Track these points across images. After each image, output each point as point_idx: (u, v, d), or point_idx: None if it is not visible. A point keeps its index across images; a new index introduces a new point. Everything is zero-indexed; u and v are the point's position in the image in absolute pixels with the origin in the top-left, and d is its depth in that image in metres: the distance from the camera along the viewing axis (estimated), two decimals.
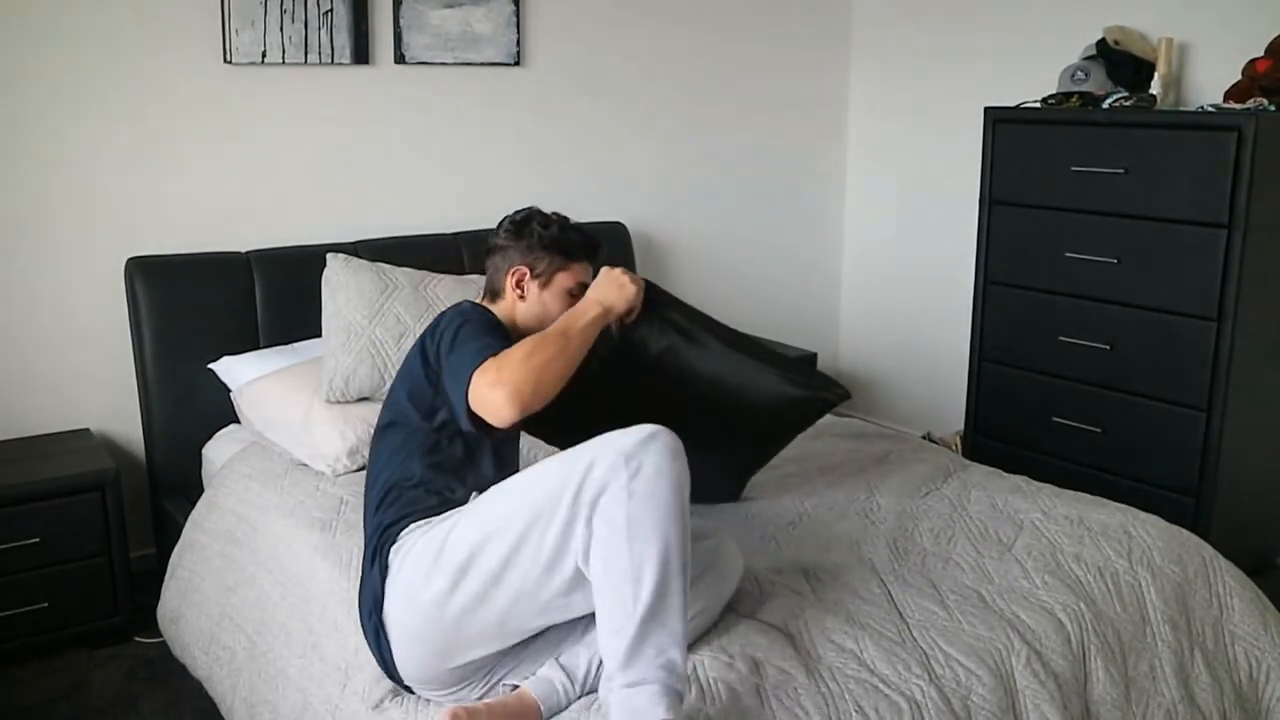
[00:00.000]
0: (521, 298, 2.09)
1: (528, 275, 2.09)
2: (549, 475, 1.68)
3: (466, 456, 1.93)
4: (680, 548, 1.61)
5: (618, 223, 3.67)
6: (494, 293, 2.13)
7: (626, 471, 1.60)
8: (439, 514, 1.82)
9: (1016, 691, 1.83)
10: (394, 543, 1.81)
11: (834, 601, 1.96)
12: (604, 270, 2.09)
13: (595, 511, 1.60)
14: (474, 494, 1.84)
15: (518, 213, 2.17)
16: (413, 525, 1.81)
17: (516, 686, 1.76)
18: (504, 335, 1.94)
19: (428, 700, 1.80)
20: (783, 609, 1.93)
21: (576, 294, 2.08)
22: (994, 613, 1.96)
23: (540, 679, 1.74)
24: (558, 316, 2.01)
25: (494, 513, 1.71)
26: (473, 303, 2.07)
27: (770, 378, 2.18)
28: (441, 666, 1.76)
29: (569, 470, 1.64)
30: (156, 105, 3.01)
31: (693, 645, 1.80)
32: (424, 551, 1.74)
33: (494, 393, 1.75)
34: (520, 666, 1.80)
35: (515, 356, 1.79)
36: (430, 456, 1.91)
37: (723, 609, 1.92)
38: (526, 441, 2.28)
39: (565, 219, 2.15)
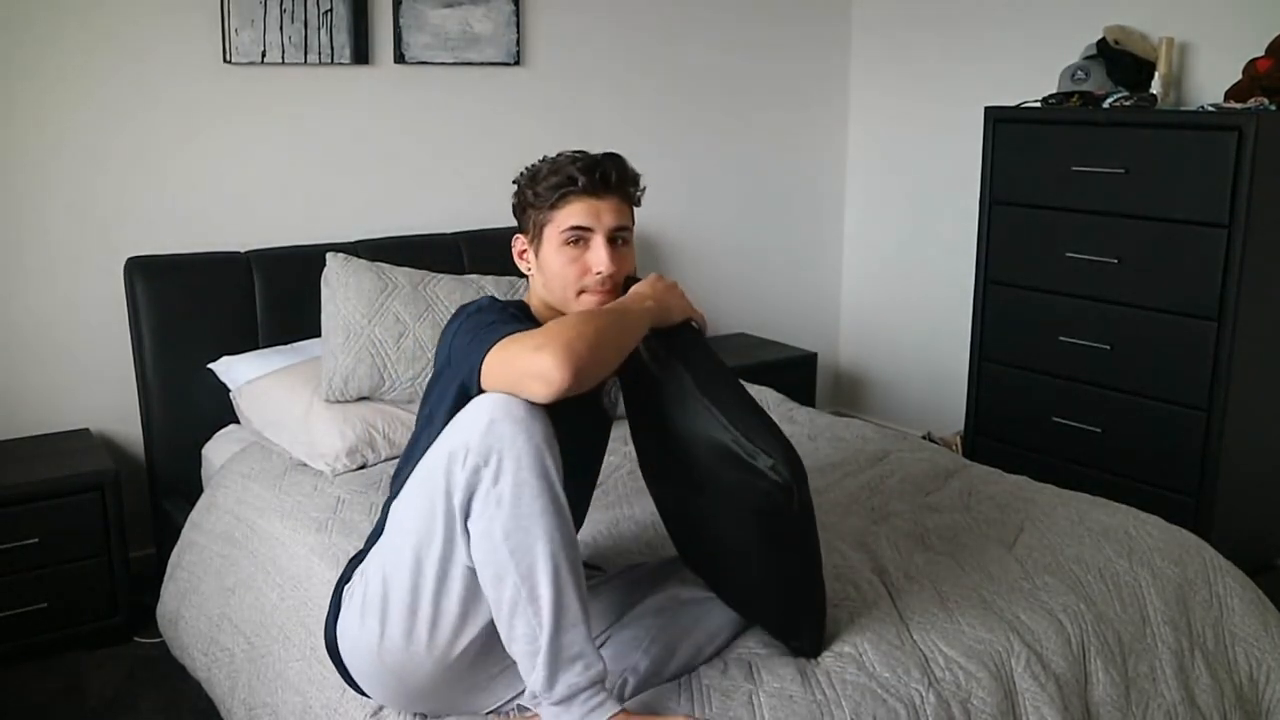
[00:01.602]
0: (530, 270, 1.85)
1: (524, 242, 1.84)
2: (418, 487, 1.59)
3: None
4: (564, 538, 1.53)
5: None
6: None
7: (488, 472, 1.50)
8: None
9: (1016, 694, 1.83)
10: (347, 580, 1.78)
11: (833, 603, 1.96)
12: (657, 276, 1.83)
13: (469, 519, 1.53)
14: None
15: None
16: (364, 561, 1.76)
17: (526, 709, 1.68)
18: (527, 320, 1.74)
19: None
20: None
21: (574, 241, 1.76)
22: (994, 614, 1.96)
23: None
24: (565, 273, 1.76)
25: (389, 543, 1.65)
26: (494, 298, 1.85)
27: (713, 423, 1.67)
28: (406, 702, 1.74)
29: (433, 482, 1.55)
30: (156, 105, 3.00)
31: None
32: (356, 596, 1.70)
33: (543, 356, 1.51)
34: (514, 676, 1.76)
35: (569, 320, 1.59)
36: None
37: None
38: None
39: (562, 155, 1.80)
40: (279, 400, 2.77)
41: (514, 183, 1.85)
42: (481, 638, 1.63)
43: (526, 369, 1.52)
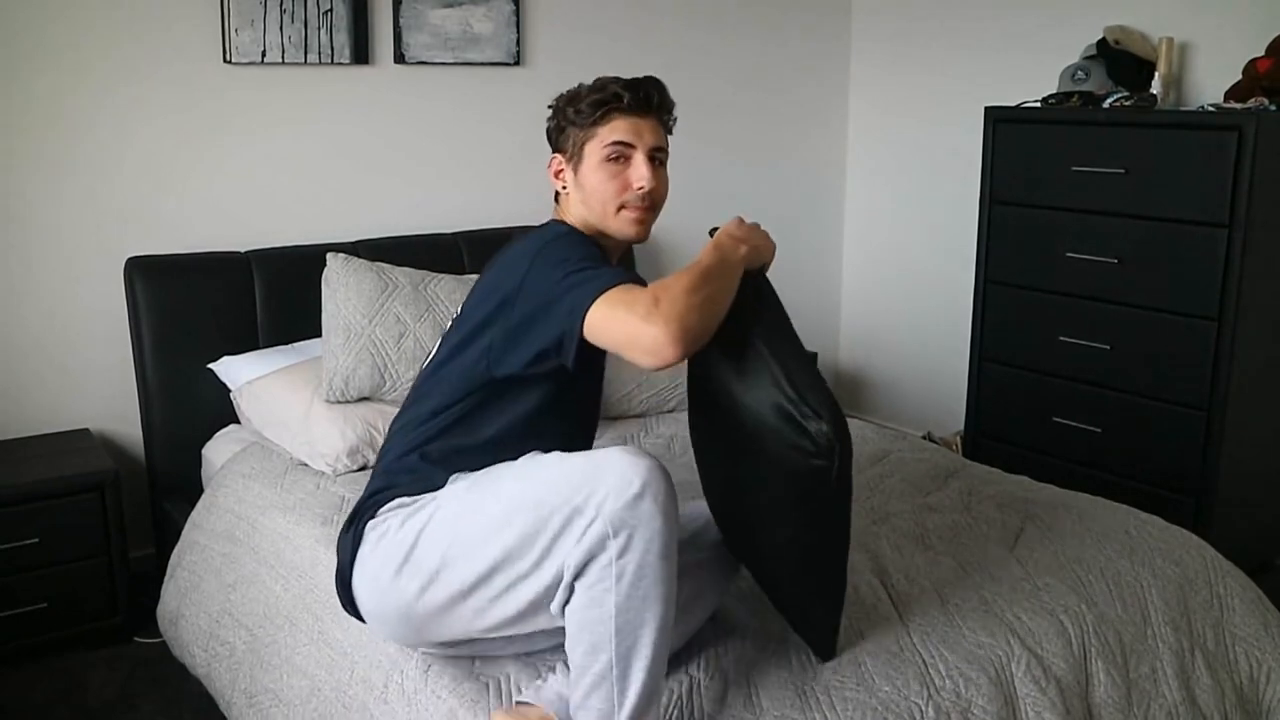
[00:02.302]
0: (565, 189, 1.85)
1: (561, 161, 1.84)
2: (527, 507, 1.55)
3: (508, 396, 1.75)
4: (669, 623, 1.52)
5: None
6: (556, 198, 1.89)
7: (615, 545, 1.47)
8: (434, 489, 1.72)
9: (1017, 699, 1.82)
10: (373, 516, 1.75)
11: None
12: (742, 218, 1.80)
13: (581, 576, 1.51)
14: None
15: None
16: (397, 501, 1.73)
17: (526, 702, 1.69)
18: (597, 254, 1.71)
19: (434, 693, 1.78)
20: (779, 618, 1.90)
21: (615, 158, 1.78)
22: (994, 616, 1.96)
23: (552, 697, 1.67)
24: (605, 189, 1.77)
25: (468, 526, 1.61)
26: (557, 225, 1.81)
27: (769, 376, 1.64)
28: (416, 641, 1.76)
29: (548, 514, 1.52)
30: (156, 105, 3.00)
31: (688, 666, 1.78)
32: (396, 546, 1.68)
33: (655, 328, 1.49)
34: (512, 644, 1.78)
35: (679, 286, 1.54)
36: (449, 412, 1.77)
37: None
38: None
39: (603, 78, 1.83)
40: (279, 400, 2.77)
41: (550, 106, 1.87)
42: (517, 634, 1.67)
43: (636, 339, 1.51)
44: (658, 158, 1.82)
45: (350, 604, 1.81)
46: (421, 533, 1.67)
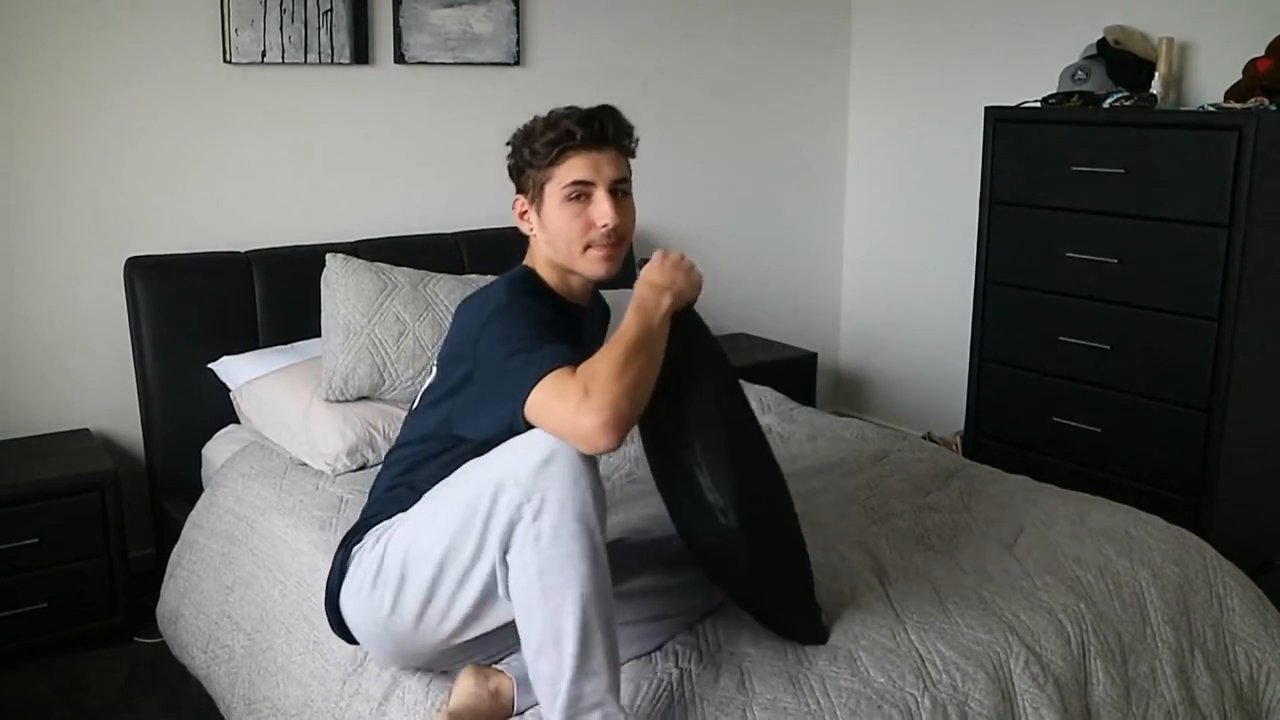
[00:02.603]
0: (531, 230, 1.83)
1: (524, 203, 1.82)
2: (460, 498, 1.60)
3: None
4: (596, 588, 1.53)
5: None
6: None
7: (530, 509, 1.51)
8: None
9: (1015, 695, 1.83)
10: (358, 542, 1.79)
11: (831, 605, 1.95)
12: (662, 253, 1.80)
13: (508, 549, 1.55)
14: None
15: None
16: (379, 525, 1.78)
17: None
18: (546, 324, 1.70)
19: (434, 706, 1.78)
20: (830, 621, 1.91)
21: (576, 196, 1.76)
22: (993, 614, 1.96)
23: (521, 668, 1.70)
24: (569, 229, 1.75)
25: (419, 531, 1.66)
26: (510, 282, 1.80)
27: (683, 436, 1.70)
28: (404, 662, 1.78)
29: (476, 498, 1.56)
30: (156, 105, 3.00)
31: (681, 652, 1.79)
32: (370, 564, 1.72)
33: (583, 418, 1.51)
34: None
35: (604, 371, 1.55)
36: (439, 459, 1.80)
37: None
38: None
39: (554, 112, 1.79)
40: (279, 400, 2.77)
41: (508, 144, 1.83)
42: (487, 632, 1.68)
43: (570, 431, 1.53)
44: (620, 189, 1.80)
45: (341, 626, 1.83)
46: (387, 547, 1.71)
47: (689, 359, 1.73)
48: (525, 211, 1.83)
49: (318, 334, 2.90)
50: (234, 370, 2.92)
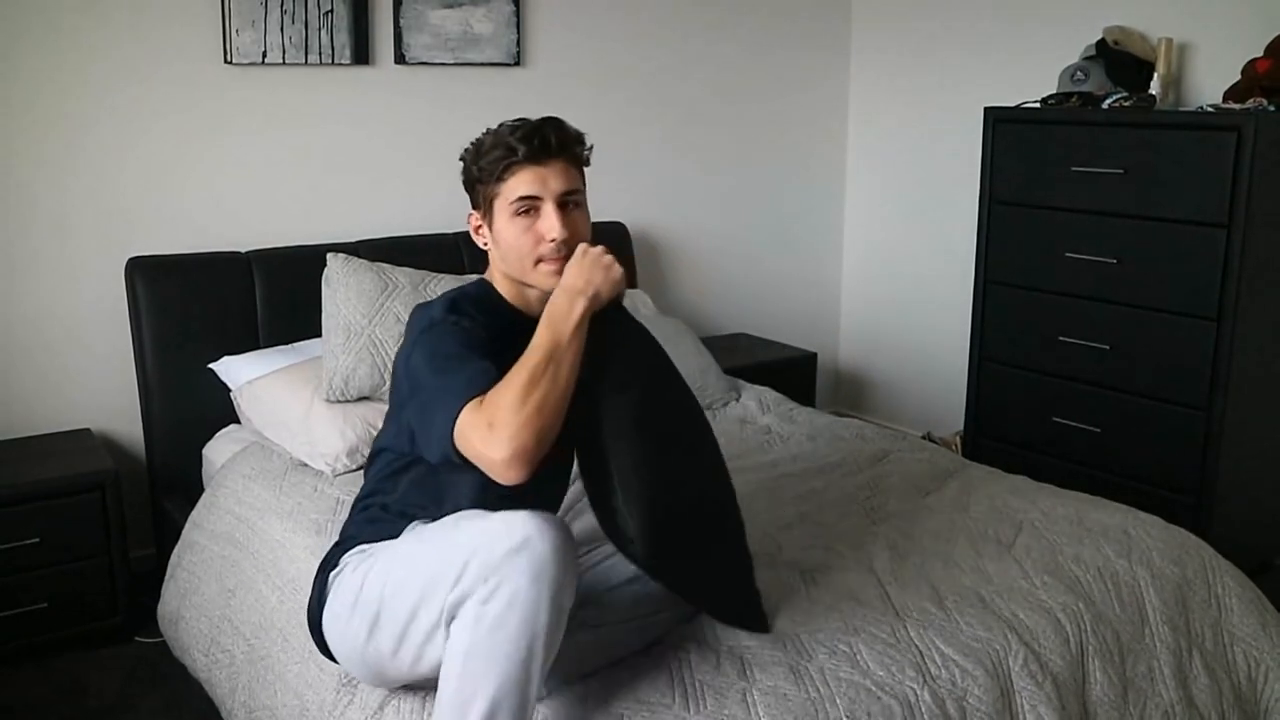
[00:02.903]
0: (486, 245, 1.84)
1: (477, 218, 1.84)
2: (438, 552, 1.58)
3: (446, 477, 1.76)
4: (513, 692, 1.50)
5: (618, 223, 3.66)
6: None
7: (484, 590, 1.49)
8: (389, 539, 1.76)
9: (1013, 692, 1.83)
10: (335, 567, 1.79)
11: (830, 603, 1.96)
12: (582, 250, 1.72)
13: (454, 617, 1.53)
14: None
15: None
16: (354, 549, 1.78)
17: None
18: (476, 343, 1.67)
19: (427, 715, 1.77)
20: (778, 610, 1.93)
21: (525, 210, 1.74)
22: (992, 613, 1.96)
23: None
24: (519, 244, 1.74)
25: (399, 571, 1.64)
26: (452, 296, 1.79)
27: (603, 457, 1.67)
28: (390, 686, 1.78)
29: (450, 557, 1.54)
30: (157, 105, 3.01)
31: (683, 646, 1.80)
32: (349, 589, 1.72)
33: (491, 452, 1.51)
34: None
35: (505, 403, 1.53)
36: (409, 474, 1.80)
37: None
38: None
39: (503, 125, 1.79)
40: (279, 400, 2.78)
41: (460, 159, 1.85)
42: None
43: (485, 464, 1.54)
44: (570, 200, 1.77)
45: (323, 645, 1.83)
46: (366, 577, 1.70)
47: (605, 368, 1.68)
48: (479, 226, 1.84)
49: (318, 334, 2.90)
50: (234, 370, 2.92)
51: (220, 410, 2.95)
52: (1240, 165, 2.84)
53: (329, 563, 1.82)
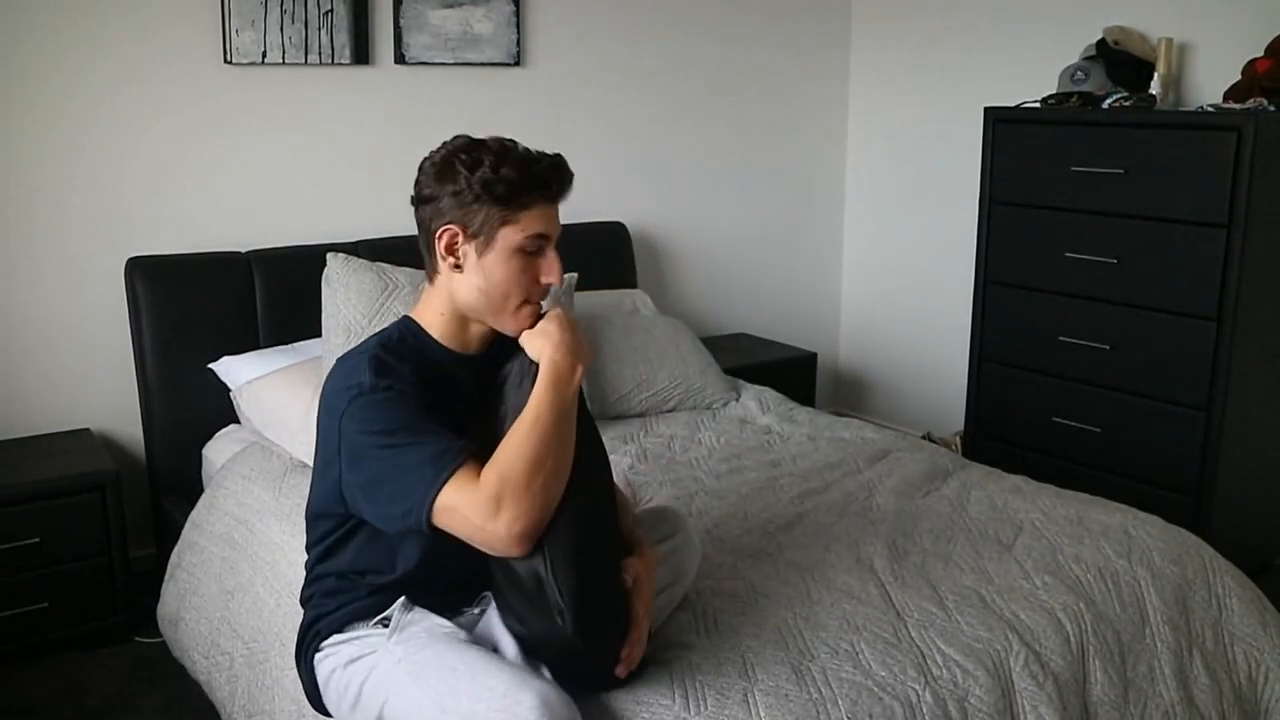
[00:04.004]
0: (458, 267, 1.63)
1: (461, 236, 1.61)
2: (438, 695, 1.54)
3: (393, 535, 1.65)
4: None
5: (618, 223, 3.67)
6: (429, 267, 1.69)
7: None
8: (361, 615, 1.70)
9: (1014, 692, 1.83)
10: (318, 650, 1.75)
11: (831, 602, 1.96)
12: (556, 317, 1.62)
13: None
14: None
15: (440, 148, 1.66)
16: (333, 640, 1.72)
17: None
18: (418, 408, 1.55)
19: None
20: (778, 610, 1.93)
21: (532, 250, 1.61)
22: (993, 613, 1.96)
23: None
24: (513, 282, 1.61)
25: (396, 701, 1.60)
26: (373, 356, 1.61)
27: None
28: None
29: (449, 709, 1.51)
30: (157, 105, 3.01)
31: (685, 646, 1.80)
32: (345, 688, 1.69)
33: (499, 530, 1.45)
34: None
35: (517, 477, 1.46)
36: (355, 539, 1.70)
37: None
38: None
39: (504, 145, 1.62)
40: (279, 400, 2.77)
41: (435, 161, 1.65)
42: None
43: (481, 538, 1.48)
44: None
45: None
46: (363, 687, 1.66)
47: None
48: (456, 242, 1.63)
49: (318, 334, 2.90)
50: (234, 370, 2.92)
51: (220, 410, 2.95)
52: (1240, 165, 2.84)
53: (306, 643, 1.77)
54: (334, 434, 1.59)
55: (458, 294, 1.65)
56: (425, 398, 1.58)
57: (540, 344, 1.60)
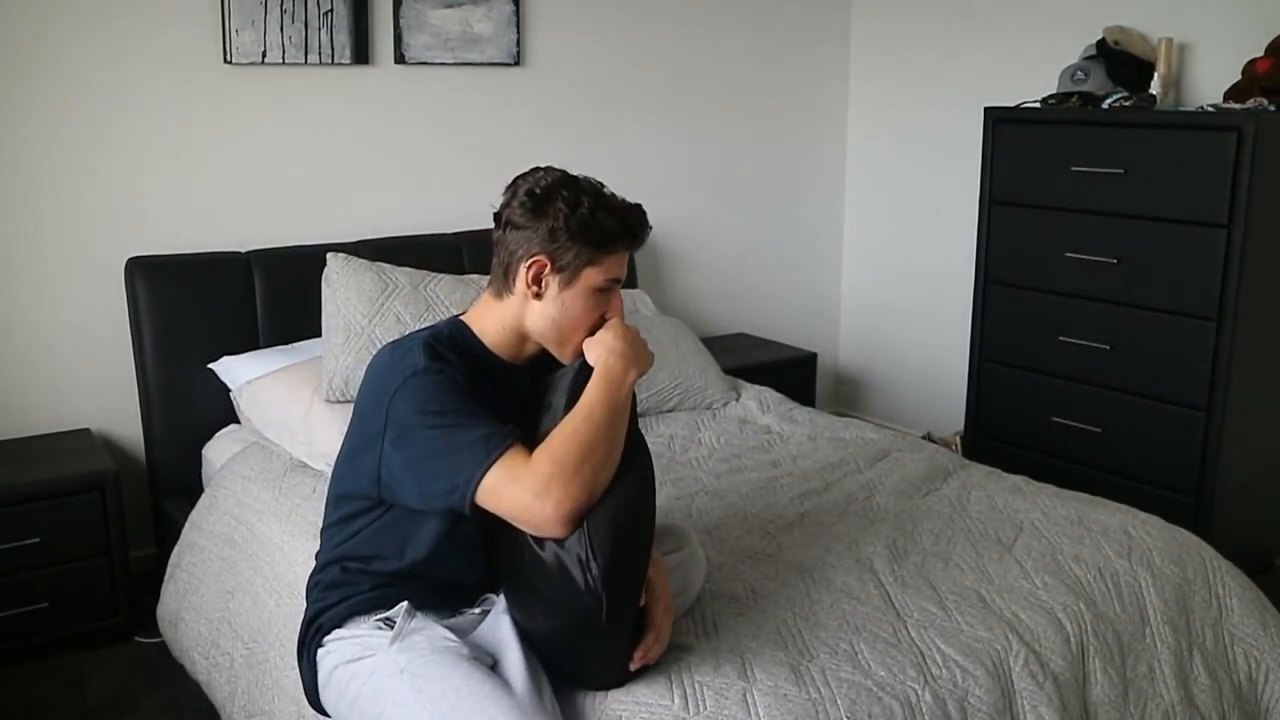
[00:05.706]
0: (538, 296, 1.70)
1: (548, 268, 1.68)
2: (442, 713, 1.57)
3: (408, 522, 1.71)
4: None
5: None
6: (502, 285, 1.73)
7: None
8: (363, 609, 1.73)
9: (1014, 693, 1.83)
10: (321, 645, 1.76)
11: (831, 603, 1.96)
12: (614, 325, 1.72)
13: None
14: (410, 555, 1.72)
15: (538, 180, 1.70)
16: (335, 636, 1.74)
17: None
18: (468, 394, 1.62)
19: None
20: (778, 610, 1.93)
21: (606, 289, 1.72)
22: (993, 613, 1.96)
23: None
24: (577, 322, 1.71)
25: (392, 712, 1.63)
26: (429, 342, 1.67)
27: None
28: None
29: None
30: (157, 105, 3.01)
31: (683, 647, 1.80)
32: (344, 687, 1.71)
33: (545, 511, 1.52)
34: None
35: (567, 462, 1.54)
36: (370, 523, 1.74)
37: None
38: None
39: (599, 190, 1.71)
40: (279, 400, 2.78)
41: (538, 192, 1.69)
42: None
43: (526, 517, 1.55)
44: None
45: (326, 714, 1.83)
46: (362, 690, 1.68)
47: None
48: (543, 273, 1.68)
49: (318, 334, 2.90)
50: (234, 370, 2.92)
51: (220, 410, 2.95)
52: (1240, 165, 2.84)
53: (309, 638, 1.78)
54: (380, 414, 1.63)
55: (529, 318, 1.73)
56: (473, 389, 1.64)
57: (597, 350, 1.69)
